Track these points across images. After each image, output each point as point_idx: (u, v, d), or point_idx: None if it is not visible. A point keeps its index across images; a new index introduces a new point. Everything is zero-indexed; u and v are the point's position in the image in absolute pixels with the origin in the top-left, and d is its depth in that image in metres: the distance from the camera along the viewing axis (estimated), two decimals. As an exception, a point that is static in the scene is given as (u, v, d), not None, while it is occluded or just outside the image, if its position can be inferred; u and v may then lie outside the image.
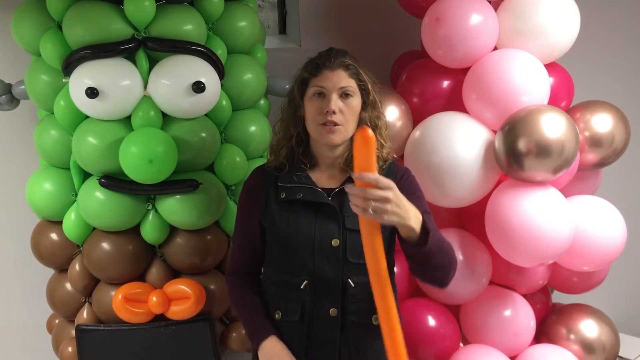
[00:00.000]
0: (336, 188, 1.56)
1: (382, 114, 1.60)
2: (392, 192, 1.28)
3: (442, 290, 2.16)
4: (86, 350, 1.97)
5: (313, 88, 1.52)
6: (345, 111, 1.50)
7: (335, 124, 1.49)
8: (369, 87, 1.54)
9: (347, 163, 1.58)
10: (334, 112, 1.48)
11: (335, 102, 1.49)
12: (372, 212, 1.26)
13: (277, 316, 1.56)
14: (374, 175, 1.27)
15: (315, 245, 1.51)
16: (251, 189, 1.63)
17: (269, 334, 1.53)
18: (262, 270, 1.67)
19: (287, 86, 2.11)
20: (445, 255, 1.46)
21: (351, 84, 1.51)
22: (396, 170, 1.63)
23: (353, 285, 1.51)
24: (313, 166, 1.61)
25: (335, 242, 1.51)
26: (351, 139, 1.56)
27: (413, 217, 1.34)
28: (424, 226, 1.37)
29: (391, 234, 1.59)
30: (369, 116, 1.56)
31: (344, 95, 1.50)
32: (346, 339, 1.53)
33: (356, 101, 1.52)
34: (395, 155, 1.70)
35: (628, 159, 2.36)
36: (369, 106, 1.55)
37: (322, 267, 1.51)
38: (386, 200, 1.26)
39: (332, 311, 1.51)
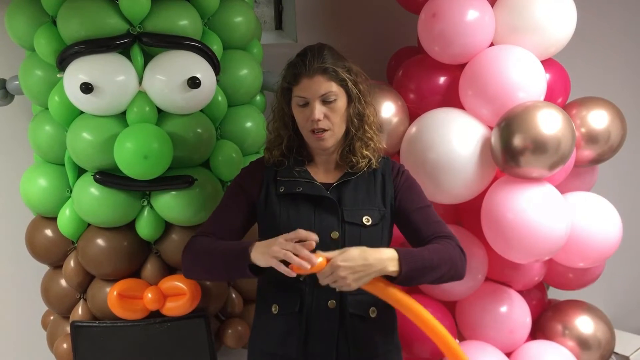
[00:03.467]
0: (334, 183, 1.58)
1: (368, 103, 1.60)
2: (332, 263, 1.36)
3: (438, 286, 2.17)
4: (81, 346, 1.96)
5: (296, 98, 1.54)
6: (330, 115, 1.52)
7: (324, 130, 1.52)
8: (349, 84, 1.53)
9: (343, 159, 1.60)
10: (318, 120, 1.50)
11: (319, 110, 1.50)
12: (353, 284, 1.36)
13: (274, 310, 1.57)
14: (326, 270, 1.36)
15: None
16: (250, 174, 1.64)
17: (253, 242, 1.46)
18: None
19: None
20: (436, 270, 1.49)
21: (331, 88, 1.51)
22: (392, 166, 1.65)
23: None
24: (310, 161, 1.63)
25: (334, 235, 1.52)
26: (344, 138, 1.59)
27: (387, 260, 1.41)
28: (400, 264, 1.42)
29: (390, 232, 1.62)
30: (353, 111, 1.57)
31: (326, 100, 1.51)
32: (344, 331, 1.54)
33: (340, 102, 1.53)
34: (385, 146, 1.70)
35: (624, 155, 2.36)
36: (354, 101, 1.56)
37: None
38: (353, 269, 1.36)
39: (331, 303, 1.52)
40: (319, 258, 1.35)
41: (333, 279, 1.36)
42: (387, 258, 1.40)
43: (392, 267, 1.40)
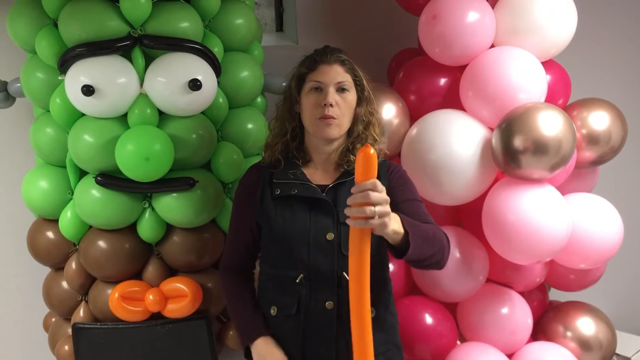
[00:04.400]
0: (330, 184, 1.58)
1: (375, 110, 1.63)
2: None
3: (439, 288, 2.17)
4: (83, 348, 1.96)
5: (310, 83, 1.56)
6: (341, 105, 1.54)
7: (333, 118, 1.53)
8: (364, 82, 1.58)
9: (342, 157, 1.61)
10: (331, 105, 1.51)
11: (333, 95, 1.52)
12: (377, 218, 1.26)
13: (272, 312, 1.58)
14: (372, 180, 1.28)
15: (311, 239, 1.53)
16: (246, 186, 1.65)
17: (261, 334, 1.56)
18: (258, 266, 1.69)
19: (284, 84, 2.11)
20: (432, 244, 1.45)
21: (347, 79, 1.55)
22: (388, 166, 1.67)
23: (348, 278, 1.51)
24: (307, 162, 1.64)
25: (330, 236, 1.53)
26: (347, 134, 1.60)
27: (396, 218, 1.36)
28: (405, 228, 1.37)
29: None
30: (363, 112, 1.59)
31: (341, 89, 1.54)
32: (342, 331, 1.53)
33: (352, 96, 1.56)
34: (387, 152, 1.72)
35: (625, 156, 2.36)
36: (364, 102, 1.59)
37: (317, 261, 1.52)
38: (387, 201, 1.28)
39: (328, 304, 1.53)
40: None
41: (384, 199, 1.28)
42: (395, 215, 1.36)
43: (400, 228, 1.35)
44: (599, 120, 2.18)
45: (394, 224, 1.33)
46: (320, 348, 1.54)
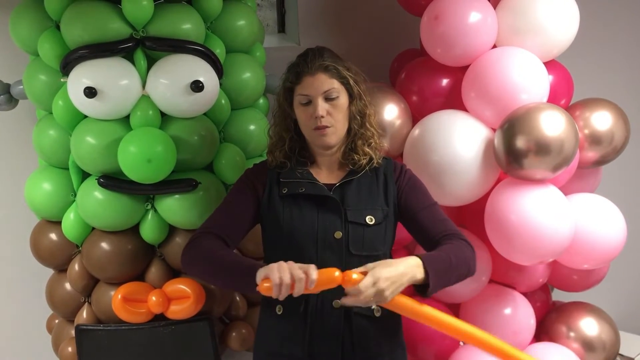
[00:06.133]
0: (336, 183, 1.59)
1: (369, 102, 1.62)
2: (373, 274, 1.33)
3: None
4: (86, 350, 1.97)
5: (298, 97, 1.56)
6: (333, 112, 1.54)
7: (326, 127, 1.53)
8: (351, 82, 1.56)
9: (346, 157, 1.62)
10: (322, 117, 1.52)
11: (322, 107, 1.52)
12: (392, 293, 1.34)
13: (278, 311, 1.57)
14: (354, 284, 1.33)
15: (319, 237, 1.53)
16: (254, 173, 1.65)
17: (260, 265, 1.42)
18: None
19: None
20: (455, 269, 1.47)
21: (334, 84, 1.54)
22: (394, 165, 1.67)
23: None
24: (312, 163, 1.64)
25: (338, 235, 1.53)
26: (346, 136, 1.61)
27: (414, 267, 1.40)
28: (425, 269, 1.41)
29: (393, 232, 1.62)
30: (356, 108, 1.59)
31: (329, 97, 1.53)
32: (349, 330, 1.55)
33: (342, 99, 1.56)
34: (386, 145, 1.71)
35: (628, 156, 2.36)
36: (355, 99, 1.58)
37: (325, 259, 1.52)
38: (384, 279, 1.33)
39: (335, 303, 1.53)
40: (354, 274, 1.34)
41: (375, 291, 1.32)
42: (414, 264, 1.40)
43: (420, 274, 1.39)
44: (602, 120, 2.18)
45: (418, 274, 1.39)
46: (326, 347, 1.54)
